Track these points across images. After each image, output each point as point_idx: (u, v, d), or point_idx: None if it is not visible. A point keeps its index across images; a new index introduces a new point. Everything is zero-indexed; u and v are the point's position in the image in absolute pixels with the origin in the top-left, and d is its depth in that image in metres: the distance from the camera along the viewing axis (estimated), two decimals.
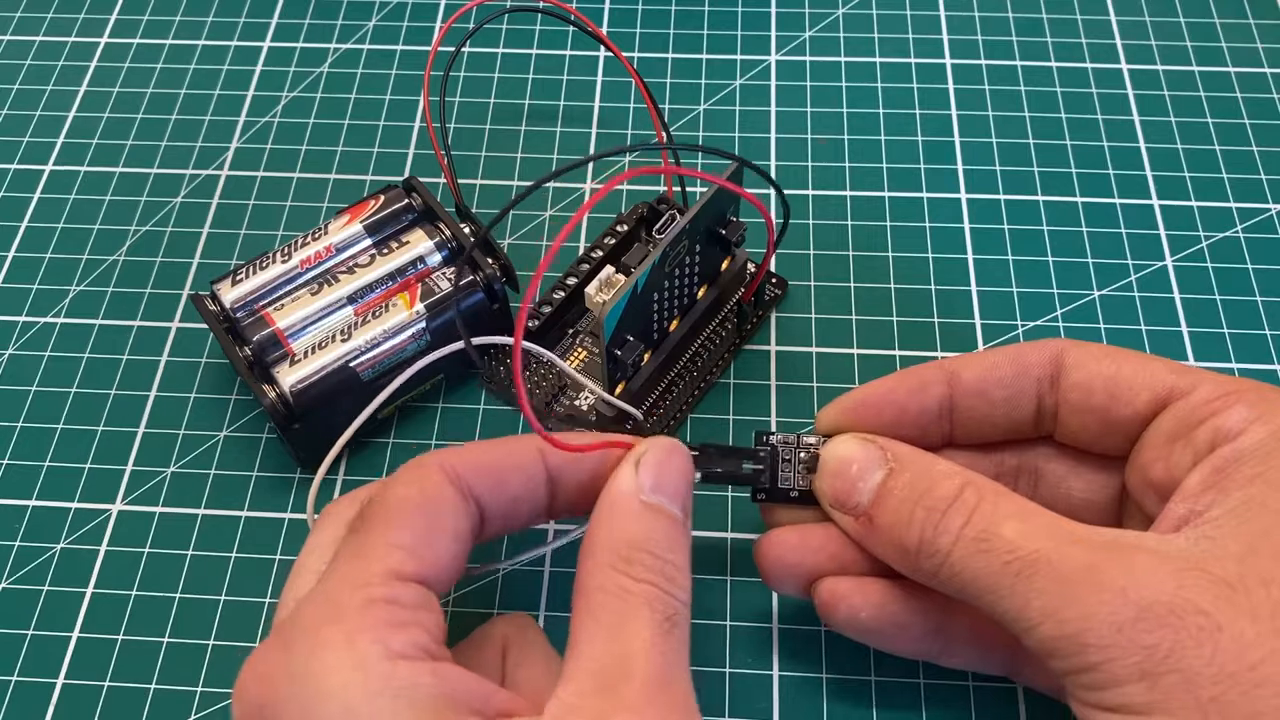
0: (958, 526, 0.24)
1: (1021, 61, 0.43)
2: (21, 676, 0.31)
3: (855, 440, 0.28)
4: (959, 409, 0.28)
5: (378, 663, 0.21)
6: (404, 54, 0.45)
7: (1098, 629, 0.22)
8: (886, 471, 0.27)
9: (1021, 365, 0.28)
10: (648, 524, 0.25)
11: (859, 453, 0.27)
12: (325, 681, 0.21)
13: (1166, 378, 0.26)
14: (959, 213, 0.39)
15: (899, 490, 0.26)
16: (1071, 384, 0.27)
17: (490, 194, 0.40)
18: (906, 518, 0.26)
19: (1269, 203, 0.39)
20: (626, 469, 0.26)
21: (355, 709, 0.21)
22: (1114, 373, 0.27)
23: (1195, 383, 0.26)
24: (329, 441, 0.34)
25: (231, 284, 0.34)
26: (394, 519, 0.24)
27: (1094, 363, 0.27)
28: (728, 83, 0.43)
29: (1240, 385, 0.25)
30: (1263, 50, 0.44)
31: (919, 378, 0.28)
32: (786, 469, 0.29)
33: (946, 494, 0.25)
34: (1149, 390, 0.26)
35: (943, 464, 0.26)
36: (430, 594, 0.24)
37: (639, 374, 0.33)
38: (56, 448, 0.35)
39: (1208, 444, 0.24)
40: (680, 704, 0.23)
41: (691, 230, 0.32)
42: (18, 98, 0.44)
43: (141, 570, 0.33)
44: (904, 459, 0.27)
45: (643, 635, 0.23)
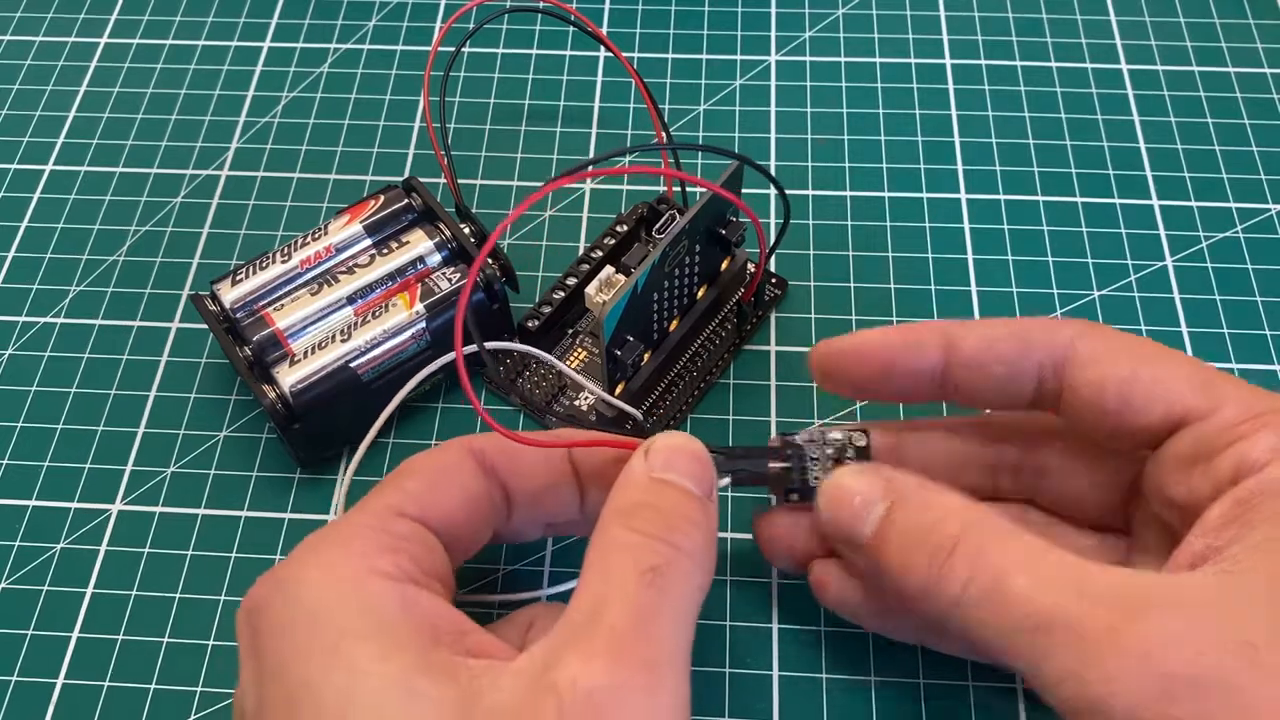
0: (964, 576, 0.23)
1: (1021, 61, 0.43)
2: (21, 676, 0.31)
3: (856, 471, 0.27)
4: (952, 376, 0.27)
5: (355, 574, 0.22)
6: (404, 54, 0.45)
7: (1122, 695, 0.21)
8: (888, 505, 0.25)
9: (1025, 345, 0.26)
10: (656, 491, 0.25)
11: (860, 484, 0.26)
12: (304, 586, 0.22)
13: (1185, 395, 0.24)
14: (959, 213, 0.39)
15: (900, 527, 0.25)
16: (1081, 381, 0.26)
17: (490, 194, 0.40)
18: (909, 560, 0.25)
19: (1269, 203, 0.39)
20: (636, 455, 0.26)
21: (324, 612, 0.22)
22: (1128, 377, 0.25)
23: (1218, 403, 0.24)
24: (329, 441, 0.34)
25: (231, 284, 0.34)
26: (405, 470, 0.26)
27: (1108, 362, 0.25)
28: (728, 83, 0.43)
29: (1268, 406, 0.24)
30: (1263, 50, 0.44)
31: (916, 336, 0.27)
32: (815, 466, 0.28)
33: (949, 537, 0.24)
34: (1165, 405, 0.25)
35: (945, 498, 0.25)
36: (429, 534, 0.25)
37: (639, 374, 0.33)
38: (56, 448, 0.35)
39: (1230, 473, 0.23)
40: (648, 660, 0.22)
41: (691, 230, 0.32)
42: (18, 98, 0.44)
43: (141, 570, 0.33)
44: (905, 493, 0.25)
45: (620, 583, 0.23)
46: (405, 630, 0.22)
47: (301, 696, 0.21)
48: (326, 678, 0.21)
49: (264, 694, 0.22)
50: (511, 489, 0.27)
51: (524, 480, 0.27)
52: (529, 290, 0.37)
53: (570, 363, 0.36)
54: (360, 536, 0.24)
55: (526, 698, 0.21)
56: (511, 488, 0.27)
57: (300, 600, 0.22)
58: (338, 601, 0.22)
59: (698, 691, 0.30)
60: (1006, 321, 0.27)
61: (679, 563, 0.23)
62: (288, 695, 0.21)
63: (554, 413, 0.35)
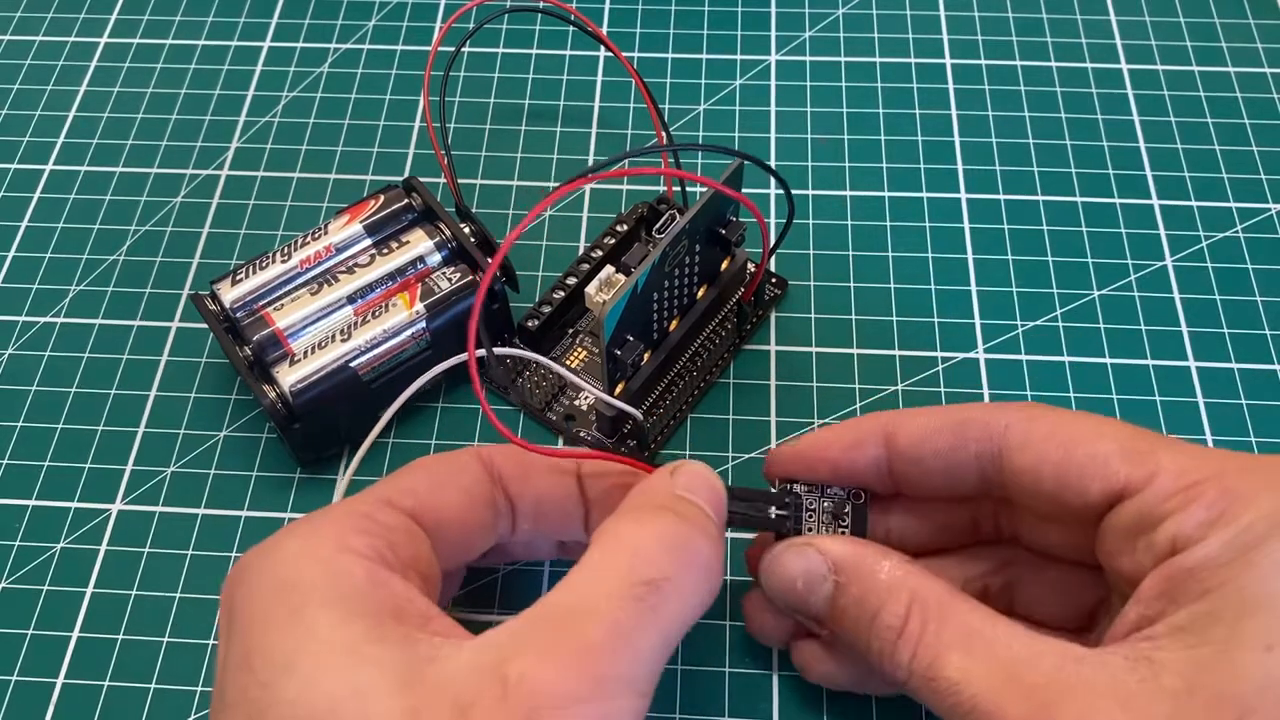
0: (907, 660, 0.24)
1: (1021, 61, 0.43)
2: (21, 676, 0.31)
3: (793, 552, 0.27)
4: (896, 471, 0.27)
5: (329, 550, 0.23)
6: (404, 54, 0.45)
7: None
8: (832, 586, 0.26)
9: (960, 438, 0.26)
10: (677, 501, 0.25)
11: (799, 567, 0.26)
12: (279, 557, 0.23)
13: (1119, 469, 0.24)
14: (959, 213, 0.39)
15: (850, 610, 0.25)
16: (1017, 468, 0.25)
17: (490, 194, 0.40)
18: (863, 643, 0.25)
19: (1269, 203, 0.39)
20: (660, 472, 0.26)
21: (293, 581, 0.22)
22: (1062, 459, 0.25)
23: (1151, 473, 0.24)
24: (329, 441, 0.34)
25: (231, 284, 0.34)
26: (409, 466, 0.27)
27: (1041, 446, 0.25)
28: (728, 83, 0.43)
29: (1202, 472, 0.23)
30: (1263, 50, 0.44)
31: (855, 435, 0.28)
32: (811, 518, 0.28)
33: (895, 619, 0.24)
34: (1101, 482, 0.24)
35: (888, 571, 0.25)
36: (416, 528, 0.25)
37: (639, 374, 0.33)
38: (56, 448, 0.35)
39: (1167, 547, 0.23)
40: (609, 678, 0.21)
41: (691, 230, 0.32)
42: (18, 98, 0.44)
43: (141, 570, 0.33)
44: (847, 569, 0.26)
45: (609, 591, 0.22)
46: (367, 603, 0.22)
47: (256, 653, 0.22)
48: (282, 637, 0.22)
49: (228, 654, 0.22)
50: (515, 497, 0.27)
51: (528, 490, 0.27)
52: (529, 290, 0.37)
53: (570, 362, 0.36)
54: (342, 519, 0.24)
55: (472, 677, 0.21)
56: (514, 495, 0.27)
57: (273, 570, 0.23)
58: (307, 571, 0.23)
59: (698, 691, 0.30)
60: (946, 411, 0.27)
61: (680, 582, 0.23)
62: (245, 652, 0.22)
63: (554, 412, 0.35)
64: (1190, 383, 0.35)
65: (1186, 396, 0.35)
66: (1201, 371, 0.35)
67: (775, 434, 0.35)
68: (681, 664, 0.31)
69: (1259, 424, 0.34)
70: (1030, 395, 0.35)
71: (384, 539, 0.24)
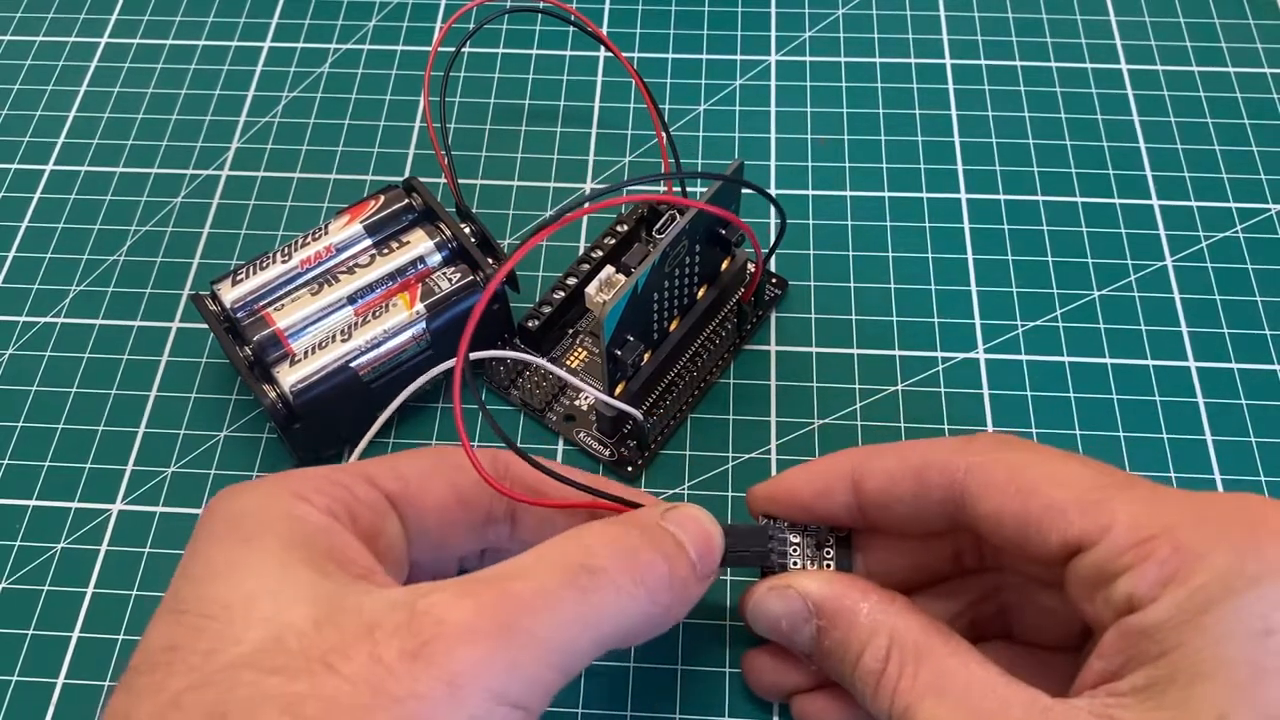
0: (887, 705, 0.24)
1: (1021, 61, 0.43)
2: (21, 676, 0.31)
3: (774, 594, 0.27)
4: (867, 514, 0.27)
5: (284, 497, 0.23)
6: (404, 54, 0.45)
7: None
8: (815, 629, 0.26)
9: (923, 484, 0.26)
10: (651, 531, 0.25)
11: (781, 609, 0.27)
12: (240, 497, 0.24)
13: (1075, 521, 0.24)
14: (959, 213, 0.39)
15: (834, 651, 0.26)
16: (979, 514, 0.25)
17: (490, 194, 0.40)
18: (848, 684, 0.26)
19: (1269, 203, 0.39)
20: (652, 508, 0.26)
21: (247, 515, 0.23)
22: (1019, 510, 0.25)
23: (1106, 526, 0.23)
24: (329, 441, 0.34)
25: (231, 284, 0.34)
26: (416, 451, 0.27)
27: (999, 496, 0.25)
28: (728, 83, 0.43)
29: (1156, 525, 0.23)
30: (1263, 50, 0.44)
31: (824, 480, 0.28)
32: (795, 552, 0.29)
33: (876, 663, 0.25)
34: (1058, 534, 0.24)
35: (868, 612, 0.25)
36: (386, 506, 0.25)
37: (639, 374, 0.33)
38: (56, 448, 0.35)
39: (1124, 604, 0.23)
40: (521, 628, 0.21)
41: (691, 230, 0.32)
42: (18, 98, 0.44)
43: (141, 570, 0.33)
44: (828, 611, 0.26)
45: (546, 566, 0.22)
46: (312, 544, 0.23)
47: (195, 559, 0.23)
48: (223, 551, 0.22)
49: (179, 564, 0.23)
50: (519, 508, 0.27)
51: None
52: (529, 290, 0.37)
53: (570, 362, 0.36)
54: (312, 478, 0.24)
55: (385, 609, 0.21)
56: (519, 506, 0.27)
57: (234, 502, 0.24)
58: (264, 508, 0.23)
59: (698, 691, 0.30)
60: (909, 453, 0.27)
61: (621, 583, 0.23)
62: (189, 559, 0.23)
63: (554, 413, 0.35)
64: (1190, 383, 0.35)
65: (1186, 396, 0.35)
66: (1201, 371, 0.36)
67: (775, 434, 0.35)
68: (681, 664, 0.31)
69: (1259, 424, 0.34)
70: (1030, 395, 0.35)
71: (344, 504, 0.24)
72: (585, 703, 0.30)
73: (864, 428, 0.35)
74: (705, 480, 0.34)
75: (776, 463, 0.34)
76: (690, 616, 0.31)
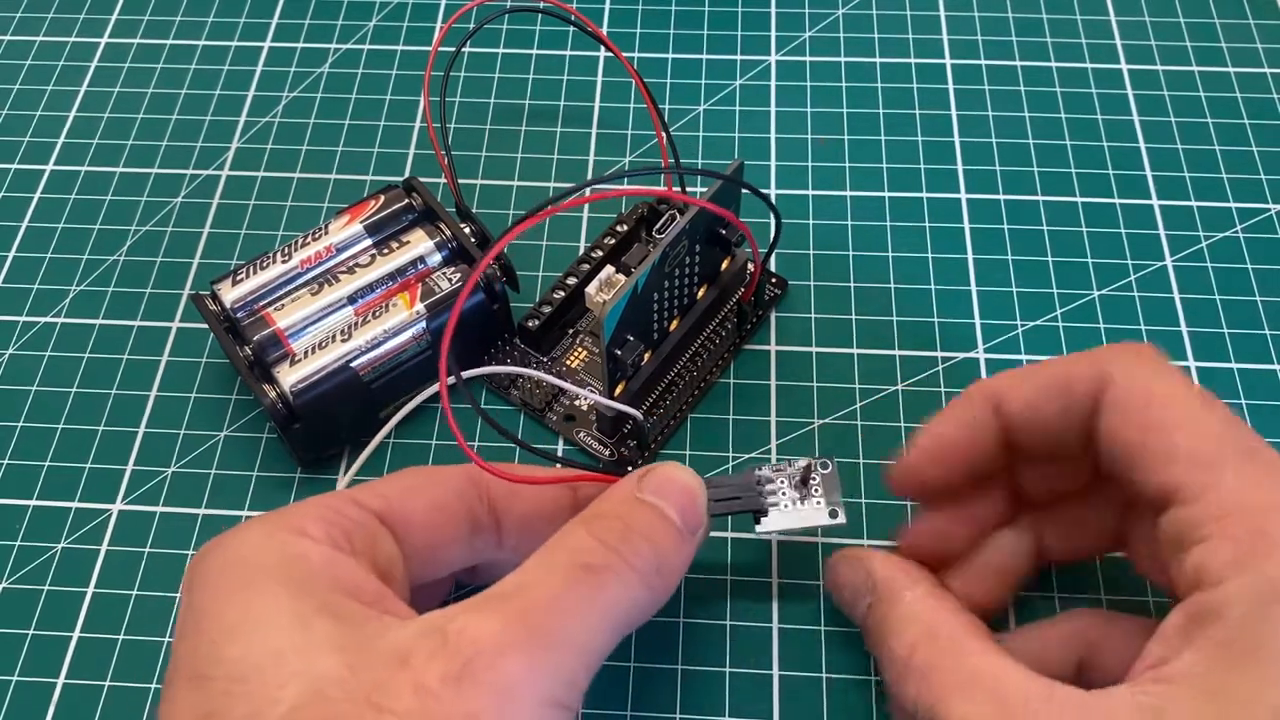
0: (913, 695, 0.24)
1: (1021, 61, 0.43)
2: (21, 676, 0.31)
3: (846, 564, 0.29)
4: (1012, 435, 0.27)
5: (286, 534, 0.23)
6: (404, 54, 0.45)
7: None
8: (868, 603, 0.27)
9: (1068, 398, 0.26)
10: (631, 507, 0.25)
11: (847, 576, 0.28)
12: (237, 540, 0.24)
13: (1178, 474, 0.23)
14: (959, 213, 0.39)
15: (875, 627, 0.27)
16: (1102, 429, 0.25)
17: (490, 194, 0.40)
18: (880, 658, 0.26)
19: (1269, 203, 0.39)
20: (630, 476, 0.26)
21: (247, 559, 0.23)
22: (1138, 441, 0.24)
23: (1202, 489, 0.23)
24: (329, 441, 0.34)
25: (232, 284, 0.34)
26: (393, 474, 0.27)
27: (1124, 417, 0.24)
28: (728, 83, 0.43)
29: (1251, 504, 0.22)
30: (1262, 50, 0.44)
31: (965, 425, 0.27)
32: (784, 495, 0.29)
33: (901, 649, 0.25)
34: (1160, 480, 0.24)
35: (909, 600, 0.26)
36: (381, 528, 0.25)
37: (639, 374, 0.33)
38: (56, 448, 0.35)
39: (1193, 577, 0.22)
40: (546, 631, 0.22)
41: (691, 230, 0.32)
42: (18, 98, 0.44)
43: (141, 570, 0.33)
44: (880, 590, 0.27)
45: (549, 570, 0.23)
46: (318, 581, 0.22)
47: (206, 617, 0.22)
48: (232, 604, 0.22)
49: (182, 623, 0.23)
50: (501, 514, 0.27)
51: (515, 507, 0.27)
52: (529, 290, 0.37)
53: (571, 362, 0.36)
54: (302, 510, 0.24)
55: (414, 638, 0.21)
56: (501, 512, 0.27)
57: (230, 551, 0.23)
58: (262, 553, 0.23)
59: (698, 691, 0.30)
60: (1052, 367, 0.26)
61: (621, 572, 0.23)
62: (196, 618, 0.22)
63: (554, 413, 0.35)
64: None
65: None
66: (1201, 371, 0.36)
67: (775, 434, 0.35)
68: (682, 664, 0.31)
69: (1259, 424, 0.34)
70: None
71: (340, 528, 0.24)
72: (585, 702, 0.30)
73: (864, 427, 0.35)
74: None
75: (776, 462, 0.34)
76: (690, 616, 0.31)
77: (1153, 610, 0.31)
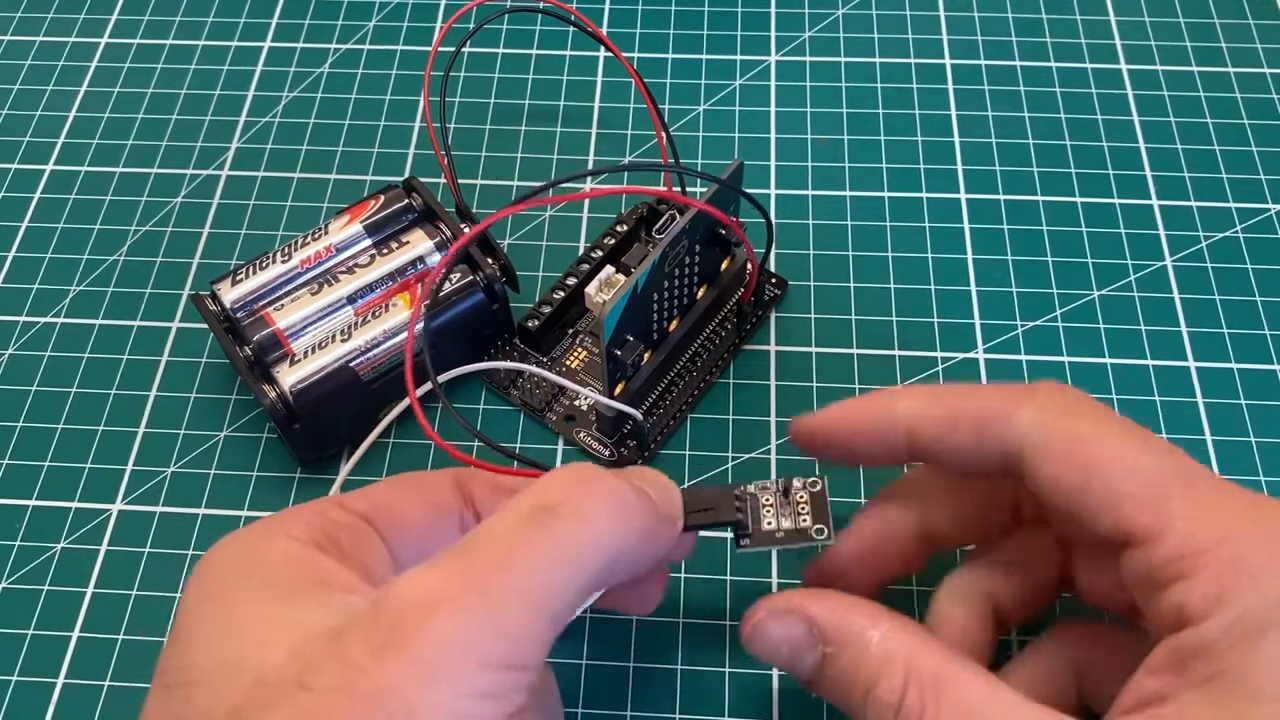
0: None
1: (1021, 61, 0.43)
2: (21, 676, 0.31)
3: (776, 620, 0.26)
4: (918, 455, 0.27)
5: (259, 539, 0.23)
6: (404, 54, 0.45)
7: None
8: (820, 656, 0.25)
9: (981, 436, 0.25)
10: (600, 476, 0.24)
11: (783, 633, 0.25)
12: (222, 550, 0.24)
13: (1132, 514, 0.23)
14: (959, 213, 0.39)
15: (840, 680, 0.25)
16: (1036, 476, 0.24)
17: (490, 194, 0.40)
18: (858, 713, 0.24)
19: (1268, 203, 0.39)
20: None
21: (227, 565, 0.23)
22: (1078, 484, 0.24)
23: (1164, 525, 0.23)
24: (329, 441, 0.34)
25: (231, 284, 0.34)
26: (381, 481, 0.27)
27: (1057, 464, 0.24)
28: (728, 83, 0.43)
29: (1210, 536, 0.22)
30: (1262, 50, 0.44)
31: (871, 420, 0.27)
32: (769, 514, 0.28)
33: (891, 695, 0.23)
34: (1112, 520, 0.23)
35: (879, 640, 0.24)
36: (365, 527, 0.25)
37: (639, 374, 0.33)
38: (56, 448, 0.35)
39: (1173, 615, 0.22)
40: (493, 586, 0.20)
41: (691, 230, 0.32)
42: (18, 98, 0.44)
43: (141, 570, 0.33)
44: (836, 637, 0.25)
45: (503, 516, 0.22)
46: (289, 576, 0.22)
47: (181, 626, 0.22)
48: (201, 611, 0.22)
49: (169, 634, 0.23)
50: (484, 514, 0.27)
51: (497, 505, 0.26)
52: (529, 290, 0.37)
53: (570, 363, 0.36)
54: (294, 514, 0.24)
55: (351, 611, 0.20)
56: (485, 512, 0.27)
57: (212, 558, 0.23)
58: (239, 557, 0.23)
59: (698, 691, 0.30)
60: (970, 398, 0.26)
61: (582, 507, 0.22)
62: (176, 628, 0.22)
63: (554, 413, 0.35)
64: (1190, 383, 0.35)
65: (1186, 397, 0.35)
66: (1201, 372, 0.36)
67: (775, 434, 0.35)
68: (681, 664, 0.31)
69: (1259, 424, 0.34)
70: None
71: (323, 530, 0.24)
72: (585, 703, 0.30)
73: None
74: (705, 480, 0.34)
75: (776, 463, 0.34)
76: (690, 616, 0.31)
77: None
